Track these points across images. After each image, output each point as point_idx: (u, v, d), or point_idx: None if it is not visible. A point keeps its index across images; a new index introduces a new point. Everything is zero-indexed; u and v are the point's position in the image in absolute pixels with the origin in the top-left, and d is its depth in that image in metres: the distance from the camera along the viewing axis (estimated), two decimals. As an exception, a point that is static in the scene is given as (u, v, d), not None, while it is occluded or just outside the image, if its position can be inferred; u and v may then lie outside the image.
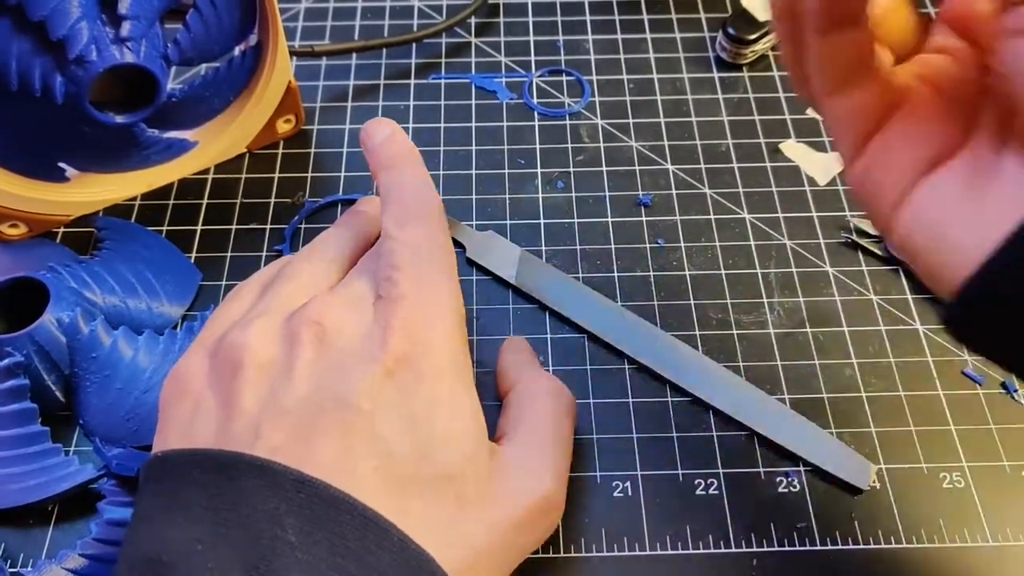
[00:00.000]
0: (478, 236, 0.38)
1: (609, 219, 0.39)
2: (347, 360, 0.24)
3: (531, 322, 0.35)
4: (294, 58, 0.43)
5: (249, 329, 0.26)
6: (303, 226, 0.39)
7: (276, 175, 0.40)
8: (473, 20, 0.47)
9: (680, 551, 0.30)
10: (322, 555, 0.21)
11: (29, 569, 0.29)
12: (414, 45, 0.46)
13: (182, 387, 0.26)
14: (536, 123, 0.43)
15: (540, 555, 0.30)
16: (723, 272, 0.37)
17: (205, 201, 0.39)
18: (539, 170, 0.41)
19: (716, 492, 0.31)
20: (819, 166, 0.40)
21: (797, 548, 0.30)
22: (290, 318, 0.26)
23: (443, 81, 0.45)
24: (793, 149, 0.41)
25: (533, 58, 0.46)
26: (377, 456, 0.23)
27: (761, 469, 0.32)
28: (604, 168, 0.41)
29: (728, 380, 0.33)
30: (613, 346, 0.34)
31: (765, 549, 0.30)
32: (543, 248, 0.38)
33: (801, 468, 0.32)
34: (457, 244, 0.38)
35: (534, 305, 0.36)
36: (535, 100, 0.44)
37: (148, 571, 0.21)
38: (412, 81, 0.45)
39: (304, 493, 0.22)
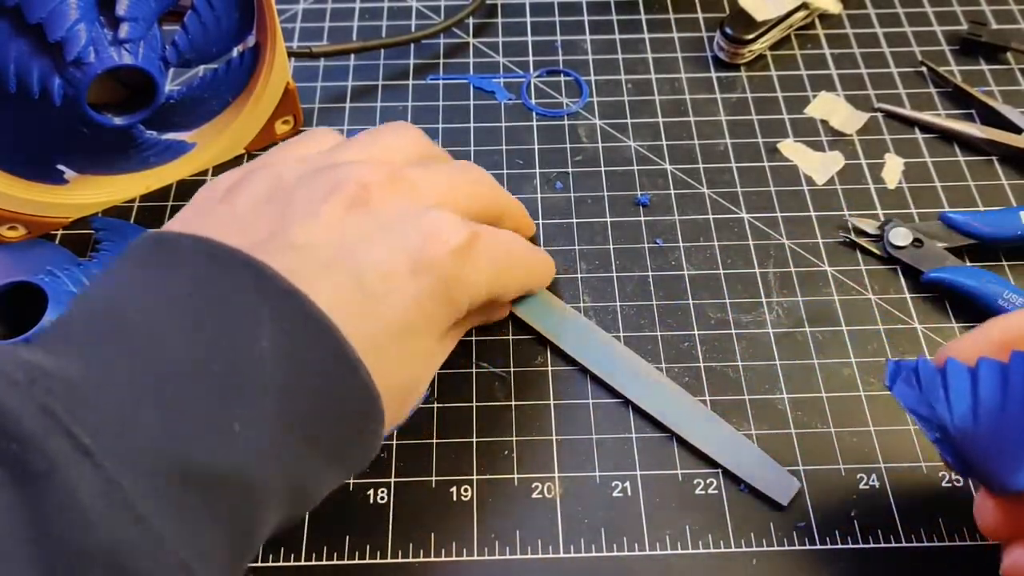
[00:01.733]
0: None
1: (607, 219, 0.39)
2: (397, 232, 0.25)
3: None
4: (292, 59, 0.43)
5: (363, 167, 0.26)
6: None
7: (275, 176, 0.40)
8: (471, 21, 0.47)
9: (680, 551, 0.30)
10: (291, 373, 0.21)
11: None
12: (412, 46, 0.46)
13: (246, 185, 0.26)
14: (534, 123, 0.43)
15: (539, 555, 0.30)
16: (722, 272, 0.37)
17: (204, 202, 0.39)
18: (537, 170, 0.41)
19: (715, 492, 0.31)
20: (817, 165, 0.41)
21: (797, 548, 0.30)
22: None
23: (441, 82, 0.45)
24: (791, 148, 0.41)
25: (531, 58, 0.46)
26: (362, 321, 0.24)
27: (760, 468, 0.32)
28: (602, 168, 0.41)
29: (660, 386, 0.33)
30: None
31: (765, 549, 0.30)
32: (542, 248, 0.38)
33: (801, 467, 0.32)
34: None
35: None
36: (533, 100, 0.44)
37: (105, 319, 0.21)
38: (410, 82, 0.45)
39: (289, 305, 0.22)
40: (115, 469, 0.18)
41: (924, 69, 0.45)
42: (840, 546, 0.30)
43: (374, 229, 0.25)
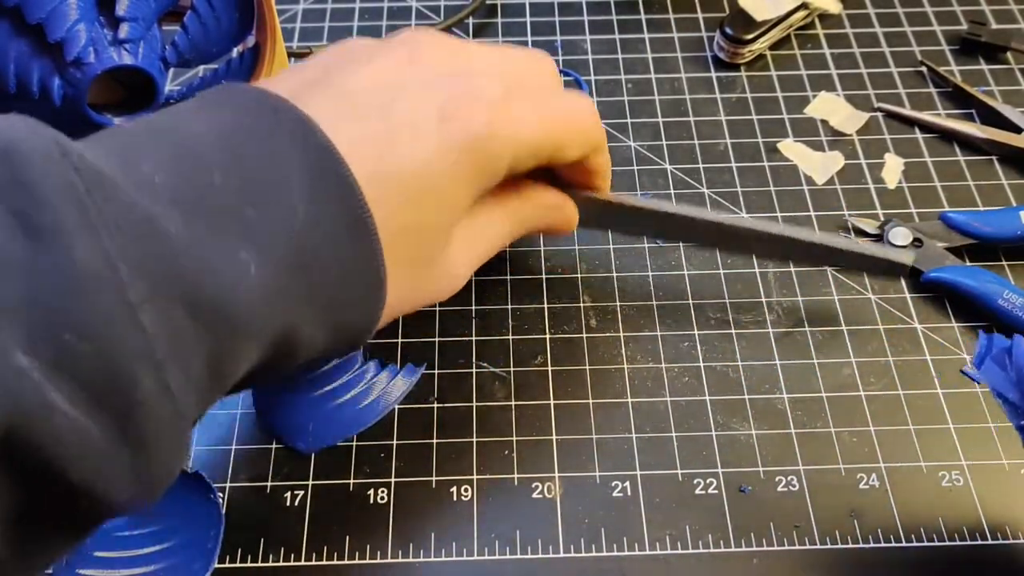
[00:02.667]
0: None
1: (608, 219, 0.39)
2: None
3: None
4: (292, 59, 0.43)
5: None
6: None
7: (275, 176, 0.40)
8: (471, 21, 0.47)
9: (680, 551, 0.30)
10: (310, 225, 0.22)
11: None
12: (412, 46, 0.46)
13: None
14: (534, 123, 0.43)
15: (539, 556, 0.30)
16: (722, 271, 0.37)
17: (204, 203, 0.39)
18: (537, 170, 0.40)
19: (715, 492, 0.31)
20: (817, 165, 0.41)
21: (796, 547, 0.30)
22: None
23: (441, 82, 0.45)
24: (791, 148, 0.41)
25: (531, 58, 0.45)
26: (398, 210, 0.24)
27: (760, 468, 0.32)
28: (602, 168, 0.41)
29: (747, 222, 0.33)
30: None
31: (765, 548, 0.30)
32: (542, 248, 0.38)
33: (800, 467, 0.32)
34: None
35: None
36: (533, 100, 0.43)
37: (149, 135, 0.22)
38: (410, 82, 0.45)
39: (327, 166, 0.23)
40: (117, 256, 0.18)
41: (924, 69, 0.45)
42: (840, 546, 0.30)
43: (418, 83, 0.26)
